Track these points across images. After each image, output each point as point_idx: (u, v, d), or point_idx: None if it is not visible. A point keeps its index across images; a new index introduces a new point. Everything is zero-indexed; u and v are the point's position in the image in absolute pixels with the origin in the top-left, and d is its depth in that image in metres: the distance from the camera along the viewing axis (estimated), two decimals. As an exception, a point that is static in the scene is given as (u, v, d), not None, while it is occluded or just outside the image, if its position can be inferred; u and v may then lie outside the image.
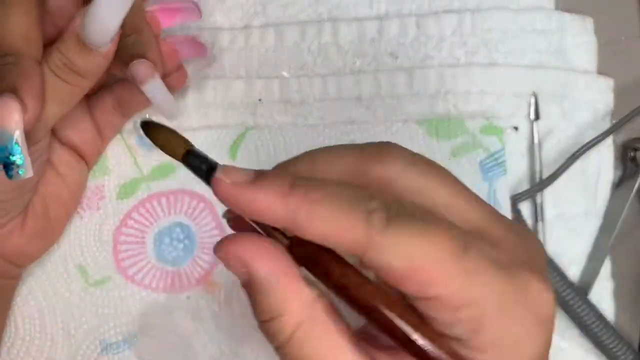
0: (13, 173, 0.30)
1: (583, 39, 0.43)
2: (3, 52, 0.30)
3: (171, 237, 0.41)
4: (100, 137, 0.40)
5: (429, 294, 0.22)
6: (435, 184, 0.25)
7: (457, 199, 0.25)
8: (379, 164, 0.25)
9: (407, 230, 0.22)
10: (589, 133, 0.43)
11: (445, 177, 0.25)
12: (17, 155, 0.29)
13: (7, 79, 0.29)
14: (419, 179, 0.25)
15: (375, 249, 0.22)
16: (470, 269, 0.22)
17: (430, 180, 0.25)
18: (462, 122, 0.41)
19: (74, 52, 0.31)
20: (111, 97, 0.39)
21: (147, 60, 0.33)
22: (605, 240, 0.42)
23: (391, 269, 0.22)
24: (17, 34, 0.30)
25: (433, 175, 0.25)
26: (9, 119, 0.29)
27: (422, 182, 0.25)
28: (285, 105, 0.42)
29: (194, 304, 0.40)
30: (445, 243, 0.22)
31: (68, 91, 0.32)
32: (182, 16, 0.38)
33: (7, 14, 0.30)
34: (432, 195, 0.25)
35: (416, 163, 0.25)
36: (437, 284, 0.22)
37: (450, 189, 0.25)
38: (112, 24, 0.31)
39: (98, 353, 0.40)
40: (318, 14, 0.43)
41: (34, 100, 0.30)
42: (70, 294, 0.40)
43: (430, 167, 0.25)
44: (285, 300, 0.23)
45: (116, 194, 0.41)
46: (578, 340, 0.42)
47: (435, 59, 0.43)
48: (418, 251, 0.22)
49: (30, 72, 0.30)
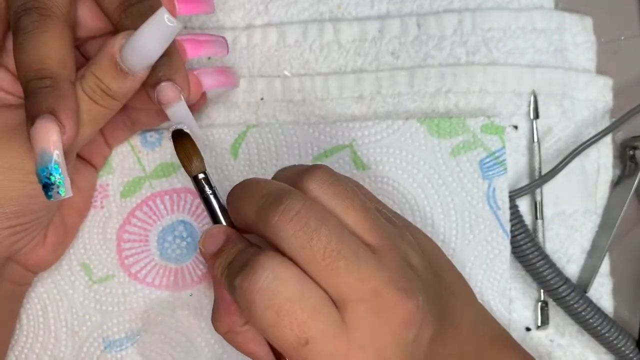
0: (53, 193, 0.30)
1: (583, 39, 0.44)
2: (41, 76, 0.30)
3: (174, 235, 0.41)
4: (107, 146, 0.41)
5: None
6: (345, 206, 0.30)
7: (362, 221, 0.31)
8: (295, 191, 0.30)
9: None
10: (589, 132, 0.43)
11: (353, 200, 0.31)
12: (57, 175, 0.30)
13: (45, 102, 0.30)
14: (332, 200, 0.30)
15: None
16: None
17: (341, 201, 0.30)
18: (463, 120, 0.41)
19: (111, 76, 0.32)
20: (124, 116, 0.39)
21: (173, 83, 0.33)
22: (605, 238, 0.42)
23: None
24: (53, 57, 0.31)
25: (343, 198, 0.30)
26: (48, 140, 0.30)
27: (334, 203, 0.30)
28: (287, 104, 0.42)
29: (197, 302, 0.41)
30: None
31: (100, 113, 0.33)
32: (209, 49, 0.38)
33: (43, 39, 0.31)
34: (341, 216, 0.30)
35: (332, 182, 0.31)
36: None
37: (355, 213, 0.30)
38: (154, 52, 0.31)
39: (101, 350, 0.41)
40: (320, 14, 0.43)
41: (71, 121, 0.30)
42: (74, 292, 0.41)
43: (342, 191, 0.31)
44: (221, 316, 0.33)
45: (120, 192, 0.41)
46: (577, 337, 0.42)
47: (436, 58, 0.43)
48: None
49: (67, 94, 0.31)
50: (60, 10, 0.31)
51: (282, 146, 0.41)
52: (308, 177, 0.31)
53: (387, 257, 0.30)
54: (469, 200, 0.41)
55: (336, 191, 0.31)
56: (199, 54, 0.37)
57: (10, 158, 0.32)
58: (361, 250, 0.30)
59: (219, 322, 0.34)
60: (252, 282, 0.28)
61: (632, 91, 0.44)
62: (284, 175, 0.33)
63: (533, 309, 0.42)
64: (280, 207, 0.29)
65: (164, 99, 0.33)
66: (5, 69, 0.34)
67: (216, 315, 0.34)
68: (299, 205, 0.29)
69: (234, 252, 0.31)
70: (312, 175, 0.31)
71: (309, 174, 0.31)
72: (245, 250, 0.31)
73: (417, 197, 0.41)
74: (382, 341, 0.29)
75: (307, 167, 0.32)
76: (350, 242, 0.29)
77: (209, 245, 0.33)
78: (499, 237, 0.41)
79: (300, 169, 0.32)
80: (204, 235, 0.33)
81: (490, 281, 0.41)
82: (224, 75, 0.38)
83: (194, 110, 0.38)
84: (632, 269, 0.44)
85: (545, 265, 0.40)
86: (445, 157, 0.41)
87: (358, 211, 0.31)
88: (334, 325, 0.29)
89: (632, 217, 0.44)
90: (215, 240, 0.33)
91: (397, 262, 0.30)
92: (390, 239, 0.31)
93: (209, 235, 0.33)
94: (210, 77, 0.37)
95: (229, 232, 0.33)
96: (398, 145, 0.41)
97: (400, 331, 0.30)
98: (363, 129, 0.41)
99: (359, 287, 0.29)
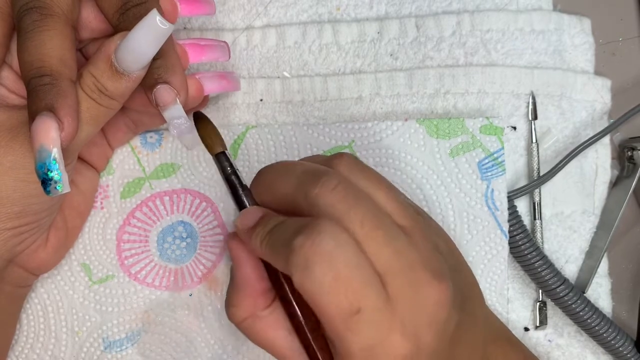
0: (51, 189, 0.30)
1: (581, 40, 0.44)
2: (41, 73, 0.30)
3: (174, 236, 0.41)
4: (109, 147, 0.41)
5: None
6: (376, 187, 0.32)
7: (393, 203, 0.32)
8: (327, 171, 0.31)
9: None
10: (587, 133, 0.43)
11: (381, 182, 0.32)
12: (55, 171, 0.30)
13: (45, 99, 0.30)
14: (363, 181, 0.31)
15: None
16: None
17: (371, 183, 0.32)
18: (462, 121, 0.41)
19: (107, 76, 0.32)
20: (126, 118, 0.39)
21: (170, 85, 0.33)
22: (603, 238, 0.42)
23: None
24: (53, 55, 0.31)
25: (373, 181, 0.32)
26: (47, 137, 0.30)
27: (365, 184, 0.31)
28: (287, 105, 0.43)
29: (197, 302, 0.41)
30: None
31: (100, 112, 0.33)
32: (210, 54, 0.38)
33: (44, 37, 0.31)
34: (373, 196, 0.31)
35: (360, 168, 0.32)
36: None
37: (386, 194, 0.31)
38: (147, 53, 0.31)
39: (101, 350, 0.41)
40: (319, 15, 0.44)
41: (70, 118, 0.31)
42: (74, 292, 0.41)
43: (371, 174, 0.32)
44: (242, 300, 0.33)
45: (120, 193, 0.41)
46: (575, 337, 0.43)
47: (435, 60, 0.43)
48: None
49: (67, 92, 0.31)
50: (62, 9, 0.32)
51: (281, 147, 0.42)
52: (339, 161, 0.32)
53: (418, 239, 0.31)
54: (467, 201, 0.41)
55: (366, 175, 0.32)
56: (200, 59, 0.37)
57: (13, 157, 0.32)
58: (395, 228, 0.30)
59: (238, 306, 0.34)
60: (315, 242, 0.28)
61: (630, 92, 0.44)
62: (313, 160, 0.33)
63: (531, 309, 0.42)
64: (320, 181, 0.30)
65: (160, 101, 0.33)
66: (9, 68, 0.35)
67: (234, 300, 0.34)
68: (336, 181, 0.30)
69: (273, 222, 0.32)
70: (342, 159, 0.32)
71: (339, 158, 0.32)
72: (292, 219, 0.31)
73: (415, 198, 0.41)
74: (419, 318, 0.29)
75: (332, 155, 0.33)
76: (385, 218, 0.30)
77: (246, 221, 0.33)
78: (497, 237, 0.41)
79: (326, 156, 0.33)
80: (241, 214, 0.33)
81: (488, 281, 0.41)
82: (226, 79, 0.39)
83: (194, 110, 0.38)
84: (631, 270, 0.44)
85: (543, 265, 0.41)
86: (444, 158, 0.41)
87: (388, 193, 0.31)
88: (383, 297, 0.29)
89: (630, 218, 0.44)
90: (252, 216, 0.33)
91: (427, 245, 0.31)
92: (418, 222, 0.31)
93: (246, 212, 0.33)
94: (212, 81, 0.38)
95: (266, 210, 0.33)
96: (397, 146, 0.41)
97: (434, 310, 0.30)
98: (362, 129, 0.41)
99: (396, 259, 0.29)
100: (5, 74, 0.34)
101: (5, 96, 0.34)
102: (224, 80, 0.38)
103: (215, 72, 0.39)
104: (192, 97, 0.36)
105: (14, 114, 0.33)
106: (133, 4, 0.32)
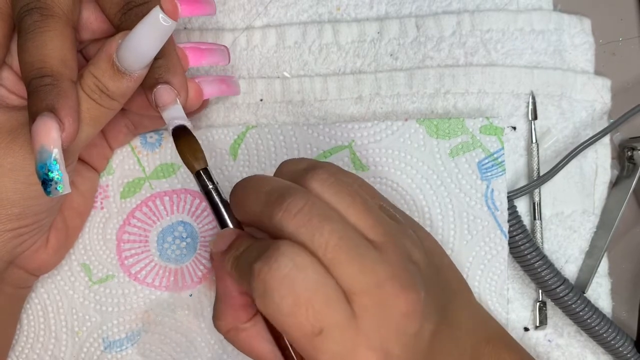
0: (51, 190, 0.30)
1: (581, 40, 0.44)
2: (42, 74, 0.31)
3: (174, 236, 0.41)
4: (109, 148, 0.41)
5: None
6: (347, 204, 0.31)
7: (364, 218, 0.31)
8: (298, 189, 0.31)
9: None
10: (587, 133, 0.43)
11: (354, 198, 0.31)
12: (56, 172, 0.30)
13: (45, 99, 0.30)
14: (333, 198, 0.31)
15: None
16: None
17: (342, 199, 0.31)
18: (462, 121, 0.41)
19: (108, 76, 0.32)
20: (126, 119, 0.39)
21: (170, 86, 0.33)
22: (603, 238, 0.42)
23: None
24: (54, 56, 0.31)
25: (344, 196, 0.31)
26: (48, 137, 0.30)
27: (336, 200, 0.31)
28: (287, 105, 0.43)
29: (197, 302, 0.41)
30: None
31: (101, 113, 0.33)
32: (210, 58, 0.38)
33: (44, 38, 0.31)
34: (343, 214, 0.30)
35: (332, 183, 0.31)
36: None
37: (357, 210, 0.31)
38: (149, 51, 0.31)
39: (101, 350, 0.41)
40: (319, 15, 0.44)
41: (71, 119, 0.31)
42: (74, 292, 0.41)
43: (343, 189, 0.31)
44: (224, 312, 0.34)
45: (120, 193, 0.41)
46: (575, 337, 0.43)
47: (435, 60, 0.43)
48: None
49: (67, 92, 0.31)
50: (62, 10, 0.32)
51: (281, 147, 0.42)
52: (311, 176, 0.31)
53: (389, 252, 0.30)
54: (467, 201, 0.41)
55: (337, 190, 0.31)
56: (200, 63, 0.37)
57: (12, 159, 0.32)
58: (363, 245, 0.30)
59: (221, 319, 0.34)
60: (272, 267, 0.28)
61: (630, 92, 0.44)
62: (288, 170, 0.33)
63: (531, 309, 0.42)
64: (284, 203, 0.30)
65: (160, 102, 0.33)
66: (9, 69, 0.35)
67: (218, 313, 0.34)
68: (302, 202, 0.29)
69: (245, 245, 0.32)
70: (314, 174, 0.31)
71: (312, 172, 0.31)
72: (257, 242, 0.31)
73: (415, 198, 0.41)
74: (386, 332, 0.30)
75: (310, 164, 0.32)
76: (351, 237, 0.30)
77: (219, 245, 0.33)
78: (497, 237, 0.41)
79: (303, 166, 0.32)
80: (216, 237, 0.34)
81: (488, 281, 0.41)
82: (225, 84, 0.39)
83: (193, 113, 0.38)
84: (631, 270, 0.44)
85: (543, 265, 0.41)
86: (444, 158, 0.41)
87: (359, 209, 0.31)
88: (346, 315, 0.29)
89: (630, 218, 0.44)
90: (226, 239, 0.33)
91: (398, 257, 0.31)
92: (392, 235, 0.31)
93: (220, 236, 0.33)
94: (212, 85, 0.38)
95: (239, 232, 0.34)
96: (397, 146, 0.41)
97: (402, 322, 0.30)
98: (362, 129, 0.41)
99: (362, 279, 0.29)
100: (5, 74, 0.34)
101: (5, 97, 0.34)
102: (224, 85, 0.38)
103: (215, 76, 0.39)
104: (192, 100, 0.36)
105: (14, 115, 0.33)
106: (136, 3, 0.32)
